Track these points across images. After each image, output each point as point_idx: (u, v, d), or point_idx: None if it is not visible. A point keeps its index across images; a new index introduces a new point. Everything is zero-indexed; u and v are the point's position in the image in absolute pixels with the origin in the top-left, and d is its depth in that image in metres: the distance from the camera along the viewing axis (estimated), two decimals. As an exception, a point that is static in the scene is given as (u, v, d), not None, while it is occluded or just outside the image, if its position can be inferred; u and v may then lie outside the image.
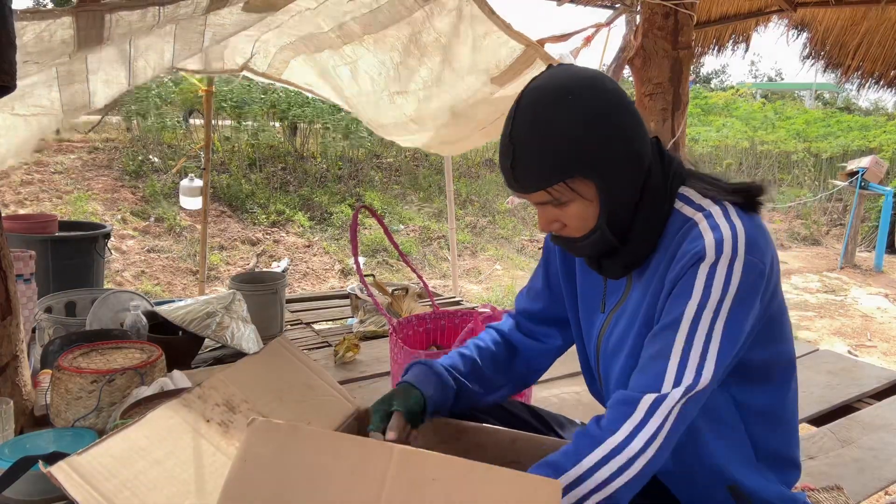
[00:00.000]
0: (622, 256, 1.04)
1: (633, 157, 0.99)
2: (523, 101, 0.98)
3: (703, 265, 0.93)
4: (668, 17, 2.69)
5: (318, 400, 1.29)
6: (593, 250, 1.05)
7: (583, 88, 0.95)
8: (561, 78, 0.98)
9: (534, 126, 0.96)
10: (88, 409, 1.52)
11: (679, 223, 1.00)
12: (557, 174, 0.96)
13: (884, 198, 7.75)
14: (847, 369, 2.48)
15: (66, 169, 7.06)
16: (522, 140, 0.96)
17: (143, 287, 5.31)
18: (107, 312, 2.18)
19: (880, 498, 2.15)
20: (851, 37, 3.55)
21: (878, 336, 5.11)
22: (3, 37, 1.21)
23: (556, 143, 0.94)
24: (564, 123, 0.94)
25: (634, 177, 0.99)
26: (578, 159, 0.95)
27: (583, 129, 0.94)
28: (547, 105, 0.95)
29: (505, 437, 1.17)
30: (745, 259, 0.93)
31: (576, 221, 1.01)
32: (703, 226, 0.96)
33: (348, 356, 2.39)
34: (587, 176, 0.96)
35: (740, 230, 0.94)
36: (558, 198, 0.98)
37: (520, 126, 0.97)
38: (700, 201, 1.01)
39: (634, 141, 0.98)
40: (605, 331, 1.14)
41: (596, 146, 0.95)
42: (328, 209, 7.67)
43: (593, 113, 0.94)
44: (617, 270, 1.07)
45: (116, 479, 0.90)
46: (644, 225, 1.01)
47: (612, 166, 0.96)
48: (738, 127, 12.28)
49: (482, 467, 0.84)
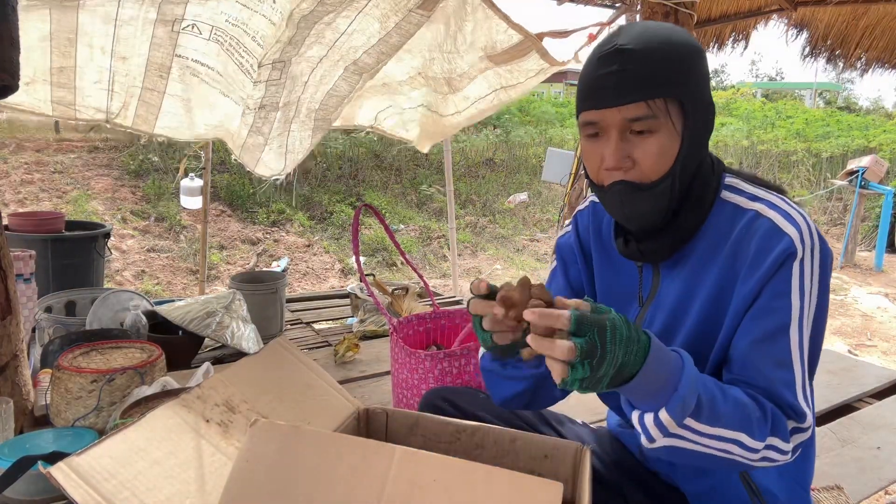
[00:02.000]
0: (670, 233, 1.00)
1: (710, 117, 0.99)
2: (626, 26, 0.97)
3: (795, 262, 0.92)
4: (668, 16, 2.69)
5: (318, 400, 1.29)
6: (651, 206, 0.97)
7: (683, 31, 0.97)
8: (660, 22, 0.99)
9: (648, 37, 0.93)
10: (88, 408, 1.52)
11: (730, 212, 0.99)
12: (664, 86, 0.92)
13: (884, 197, 7.75)
14: (847, 369, 2.48)
15: (66, 168, 7.07)
16: (636, 47, 0.92)
17: (143, 286, 5.31)
18: (107, 312, 2.18)
19: (880, 498, 2.15)
20: (853, 31, 3.55)
21: (878, 335, 5.12)
22: (4, 36, 1.21)
23: (670, 57, 0.93)
24: (675, 45, 0.94)
25: (708, 130, 0.99)
26: (684, 81, 0.93)
27: (690, 59, 0.94)
28: (658, 28, 0.95)
29: (505, 436, 1.16)
30: (821, 247, 0.94)
31: (652, 159, 0.94)
32: (772, 215, 0.95)
33: (348, 356, 2.39)
34: (685, 101, 0.94)
35: (807, 216, 0.95)
36: (654, 115, 0.92)
37: (630, 37, 0.93)
38: (751, 190, 1.00)
39: (711, 96, 0.99)
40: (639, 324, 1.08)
41: (697, 77, 0.95)
42: (328, 209, 7.67)
43: (695, 50, 0.95)
44: (664, 251, 1.01)
45: (116, 479, 0.90)
46: (696, 198, 0.99)
47: (701, 104, 0.96)
48: (737, 126, 12.28)
49: (482, 467, 0.84)
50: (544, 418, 1.32)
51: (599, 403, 1.46)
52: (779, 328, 0.92)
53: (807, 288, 0.92)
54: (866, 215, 8.71)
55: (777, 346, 0.92)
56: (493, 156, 10.52)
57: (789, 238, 0.92)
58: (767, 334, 0.93)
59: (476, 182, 9.44)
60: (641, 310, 1.08)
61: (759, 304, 0.93)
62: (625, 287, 1.12)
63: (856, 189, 7.59)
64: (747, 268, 0.94)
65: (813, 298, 0.92)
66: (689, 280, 1.00)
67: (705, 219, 0.99)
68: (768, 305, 0.93)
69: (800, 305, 0.91)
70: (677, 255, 1.02)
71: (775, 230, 0.93)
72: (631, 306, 1.11)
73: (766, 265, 0.92)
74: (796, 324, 0.92)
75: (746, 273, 0.94)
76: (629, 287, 1.11)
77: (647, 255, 1.03)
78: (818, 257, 0.93)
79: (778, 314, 0.92)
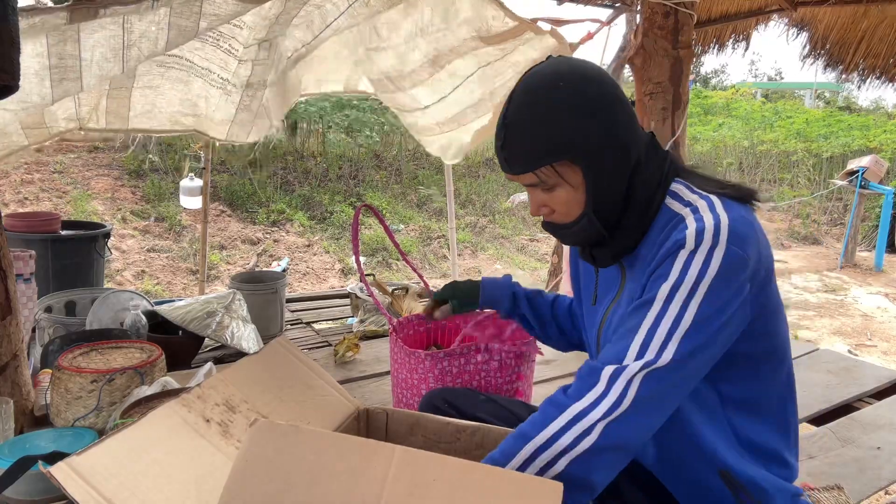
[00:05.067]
0: (611, 246, 1.08)
1: (621, 147, 1.01)
2: (520, 86, 1.02)
3: (683, 252, 0.95)
4: (668, 16, 2.69)
5: (318, 400, 1.29)
6: (581, 238, 1.09)
7: (576, 77, 0.99)
8: (558, 66, 1.02)
9: (525, 109, 1.00)
10: (88, 408, 1.52)
11: (667, 218, 1.03)
12: (544, 157, 0.99)
13: (884, 197, 7.75)
14: (847, 369, 2.48)
15: (66, 168, 7.07)
16: (514, 122, 1.01)
17: (143, 286, 5.31)
18: (107, 312, 2.18)
19: (880, 498, 2.15)
20: (852, 34, 3.54)
21: (878, 335, 5.12)
22: (5, 36, 1.21)
23: (544, 127, 0.99)
24: (553, 108, 0.98)
25: (621, 167, 1.02)
26: (565, 144, 0.98)
27: (570, 116, 0.98)
28: (539, 89, 1.00)
29: (505, 436, 1.16)
30: (727, 248, 0.94)
31: (563, 207, 1.05)
32: (689, 219, 0.98)
33: (348, 356, 2.39)
34: (573, 161, 1.00)
35: (724, 221, 0.95)
36: (545, 181, 1.02)
37: (513, 109, 1.01)
38: (689, 197, 1.03)
39: (622, 132, 1.01)
40: (604, 324, 1.16)
41: (583, 133, 0.98)
42: (328, 208, 7.67)
43: (582, 101, 0.98)
44: (607, 259, 1.11)
45: (116, 479, 0.90)
46: (632, 216, 1.05)
47: (597, 154, 1.00)
48: (737, 126, 12.27)
49: (482, 467, 0.84)
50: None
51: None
52: (641, 303, 0.97)
53: (689, 275, 0.94)
54: (866, 215, 8.71)
55: (629, 318, 0.98)
56: (494, 156, 10.51)
57: (685, 233, 0.96)
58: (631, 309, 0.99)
59: (476, 182, 9.43)
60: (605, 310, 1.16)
61: (644, 290, 1.00)
62: (587, 284, 1.24)
63: (856, 189, 7.59)
64: (653, 261, 1.00)
65: (698, 288, 0.93)
66: (637, 280, 1.06)
67: (649, 226, 1.05)
68: (646, 289, 0.99)
69: (671, 287, 0.95)
70: (629, 258, 1.09)
71: (681, 228, 0.97)
72: (588, 302, 1.24)
73: (659, 256, 0.98)
74: (661, 301, 0.95)
75: (651, 264, 1.00)
76: (589, 285, 1.23)
77: (597, 261, 1.14)
78: (717, 256, 0.94)
79: (649, 292, 0.97)
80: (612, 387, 0.92)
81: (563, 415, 0.92)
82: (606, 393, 0.92)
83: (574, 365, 2.34)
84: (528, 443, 0.92)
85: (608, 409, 0.91)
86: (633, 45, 2.87)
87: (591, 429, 0.90)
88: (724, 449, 1.05)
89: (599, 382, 0.93)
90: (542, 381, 2.22)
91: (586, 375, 0.96)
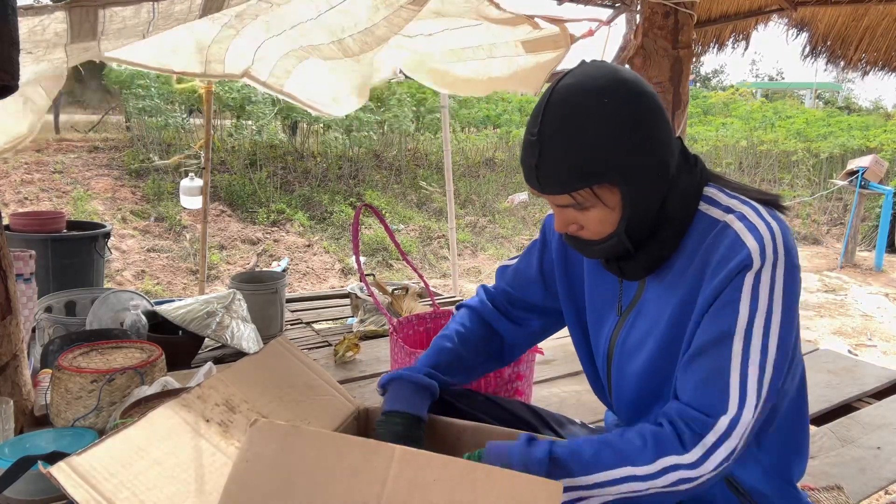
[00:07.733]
0: (642, 260, 1.03)
1: (662, 166, 0.96)
2: (553, 98, 0.93)
3: (749, 274, 0.92)
4: (668, 16, 2.69)
5: (318, 400, 1.29)
6: (607, 254, 1.03)
7: (622, 92, 0.91)
8: (595, 77, 0.92)
9: (563, 127, 0.91)
10: (88, 408, 1.52)
11: (706, 225, 0.99)
12: (584, 180, 0.92)
13: (884, 197, 7.75)
14: (847, 369, 2.47)
15: (66, 168, 7.07)
16: (550, 140, 0.92)
17: (143, 286, 5.31)
18: (107, 312, 2.18)
19: (880, 498, 2.15)
20: (853, 31, 3.54)
21: (878, 335, 5.11)
22: (5, 36, 1.21)
23: (586, 149, 0.90)
24: (596, 128, 0.90)
25: (660, 186, 0.97)
26: (607, 167, 0.91)
27: (615, 137, 0.91)
28: (578, 106, 0.91)
29: (505, 436, 1.16)
30: (786, 261, 0.93)
31: (595, 226, 0.99)
32: (738, 227, 0.95)
33: (348, 356, 2.39)
34: (614, 184, 0.93)
35: (777, 231, 0.94)
36: (581, 203, 0.95)
37: (549, 125, 0.92)
38: (727, 202, 1.00)
39: (664, 149, 0.96)
40: (619, 331, 1.12)
41: (627, 155, 0.92)
42: (328, 208, 7.67)
43: (627, 119, 0.91)
44: (639, 272, 1.05)
45: (116, 479, 0.89)
46: (667, 229, 1.00)
47: (640, 176, 0.94)
48: (737, 126, 12.26)
49: (482, 467, 0.84)
50: (543, 419, 1.33)
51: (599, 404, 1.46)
52: (719, 336, 0.94)
53: (762, 299, 0.92)
54: (866, 215, 8.71)
55: (711, 355, 0.94)
56: (493, 156, 10.51)
57: (748, 250, 0.93)
58: (707, 344, 0.95)
59: (476, 182, 9.43)
60: (620, 318, 1.12)
61: (710, 312, 0.96)
62: (607, 294, 1.16)
63: (856, 189, 7.59)
64: (708, 278, 0.97)
65: (773, 309, 0.92)
66: (667, 289, 1.03)
67: (684, 234, 1.01)
68: (715, 314, 0.95)
69: (748, 315, 0.92)
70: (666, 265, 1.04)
71: (737, 242, 0.94)
72: (610, 314, 1.15)
73: (722, 275, 0.94)
74: (742, 333, 0.93)
75: (706, 283, 0.97)
76: (610, 295, 1.15)
77: (626, 273, 1.07)
78: (781, 270, 0.93)
79: (722, 321, 0.94)
80: (728, 440, 0.91)
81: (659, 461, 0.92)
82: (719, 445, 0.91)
83: (573, 364, 2.34)
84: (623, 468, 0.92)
85: (719, 462, 0.91)
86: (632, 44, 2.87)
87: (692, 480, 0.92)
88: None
89: (711, 433, 0.92)
90: (541, 382, 2.22)
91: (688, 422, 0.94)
